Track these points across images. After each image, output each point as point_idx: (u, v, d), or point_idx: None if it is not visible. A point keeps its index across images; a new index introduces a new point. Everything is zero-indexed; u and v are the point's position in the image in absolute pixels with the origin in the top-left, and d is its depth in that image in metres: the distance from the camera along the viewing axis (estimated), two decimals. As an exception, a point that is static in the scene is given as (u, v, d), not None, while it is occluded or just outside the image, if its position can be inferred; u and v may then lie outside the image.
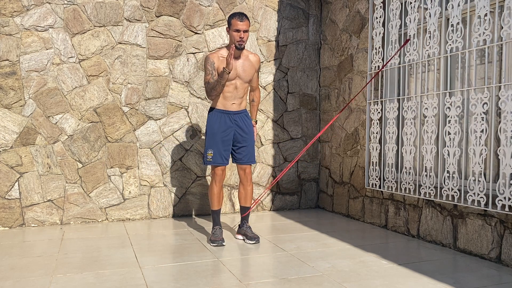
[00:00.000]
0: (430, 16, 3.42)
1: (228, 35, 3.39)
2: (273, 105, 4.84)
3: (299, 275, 2.63)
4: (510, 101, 2.76)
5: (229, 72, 3.22)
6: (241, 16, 3.29)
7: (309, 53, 4.98)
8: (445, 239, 3.31)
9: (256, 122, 3.66)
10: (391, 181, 3.83)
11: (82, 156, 4.16)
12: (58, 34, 4.08)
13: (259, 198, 3.98)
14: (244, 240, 3.50)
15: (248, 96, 3.69)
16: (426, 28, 3.50)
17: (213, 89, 3.31)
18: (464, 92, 3.24)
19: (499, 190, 2.81)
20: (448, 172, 3.25)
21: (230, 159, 4.42)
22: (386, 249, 3.23)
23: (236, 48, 3.31)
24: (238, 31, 3.27)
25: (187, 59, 4.47)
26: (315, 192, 5.06)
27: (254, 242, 3.41)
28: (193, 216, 4.51)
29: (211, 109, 3.47)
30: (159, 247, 3.30)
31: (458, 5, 3.17)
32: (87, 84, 4.17)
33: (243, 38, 3.28)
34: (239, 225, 3.63)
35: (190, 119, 4.49)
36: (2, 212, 3.94)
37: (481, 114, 2.96)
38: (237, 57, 3.39)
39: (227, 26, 3.38)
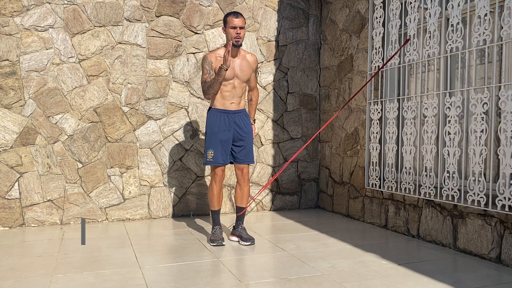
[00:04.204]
0: (430, 16, 3.42)
1: (225, 34, 3.41)
2: (273, 105, 4.84)
3: (299, 275, 2.63)
4: (510, 101, 2.76)
5: (227, 69, 3.23)
6: (236, 13, 3.36)
7: (309, 53, 4.98)
8: (445, 239, 3.31)
9: (254, 121, 3.68)
10: (391, 181, 3.83)
11: (82, 156, 4.16)
12: (58, 34, 4.08)
13: (254, 197, 4.01)
14: (238, 242, 3.44)
15: (246, 96, 3.70)
16: (426, 28, 3.50)
17: (210, 87, 3.32)
18: (464, 92, 3.24)
19: (499, 190, 2.81)
20: (448, 172, 3.25)
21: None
22: (386, 249, 3.23)
23: (233, 45, 3.34)
24: (234, 27, 3.32)
25: (187, 59, 4.47)
26: (315, 192, 5.06)
27: (249, 243, 3.37)
28: (193, 216, 4.51)
29: (210, 108, 3.48)
30: (159, 247, 3.30)
31: (458, 5, 3.17)
32: (87, 84, 4.17)
33: (239, 34, 3.33)
34: (233, 226, 3.59)
35: (190, 119, 4.49)
36: (2, 212, 3.94)
37: (481, 114, 2.96)
38: (234, 56, 3.41)
39: (222, 26, 3.42)
